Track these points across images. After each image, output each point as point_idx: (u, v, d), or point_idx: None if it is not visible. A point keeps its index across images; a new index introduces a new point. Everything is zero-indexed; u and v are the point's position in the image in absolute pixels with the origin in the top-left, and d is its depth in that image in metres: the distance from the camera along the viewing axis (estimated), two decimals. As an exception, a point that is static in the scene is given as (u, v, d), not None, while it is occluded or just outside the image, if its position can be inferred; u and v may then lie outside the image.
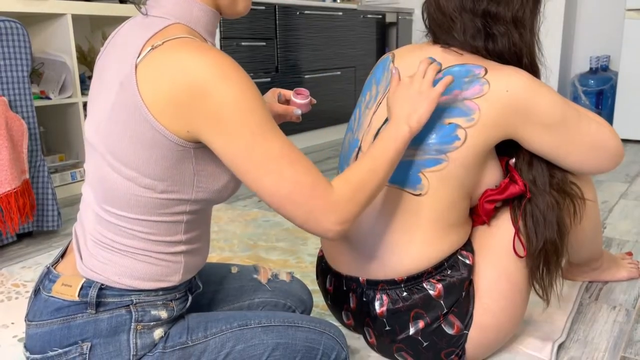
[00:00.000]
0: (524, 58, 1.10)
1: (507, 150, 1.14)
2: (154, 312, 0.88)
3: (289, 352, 0.93)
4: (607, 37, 4.11)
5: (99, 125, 0.85)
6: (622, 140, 2.80)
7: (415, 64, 1.13)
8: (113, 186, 0.84)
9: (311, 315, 1.30)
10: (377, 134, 1.12)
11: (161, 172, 0.82)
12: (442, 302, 1.08)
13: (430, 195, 1.06)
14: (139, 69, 0.79)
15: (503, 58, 1.09)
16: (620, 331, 1.32)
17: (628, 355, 1.22)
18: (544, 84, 1.07)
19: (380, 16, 4.18)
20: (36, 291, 0.90)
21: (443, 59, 1.09)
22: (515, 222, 1.11)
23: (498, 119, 1.04)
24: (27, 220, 1.88)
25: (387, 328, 1.12)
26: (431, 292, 1.08)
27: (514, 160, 1.14)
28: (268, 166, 0.81)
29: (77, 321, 0.85)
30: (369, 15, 4.05)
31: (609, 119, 3.78)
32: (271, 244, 1.94)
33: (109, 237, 0.87)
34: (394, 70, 1.05)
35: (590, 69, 3.96)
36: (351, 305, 1.18)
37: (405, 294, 1.09)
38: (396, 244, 1.09)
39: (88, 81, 2.79)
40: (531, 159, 1.12)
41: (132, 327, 0.87)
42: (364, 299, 1.14)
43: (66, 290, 0.86)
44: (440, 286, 1.08)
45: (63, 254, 0.95)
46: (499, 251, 1.12)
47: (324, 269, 1.26)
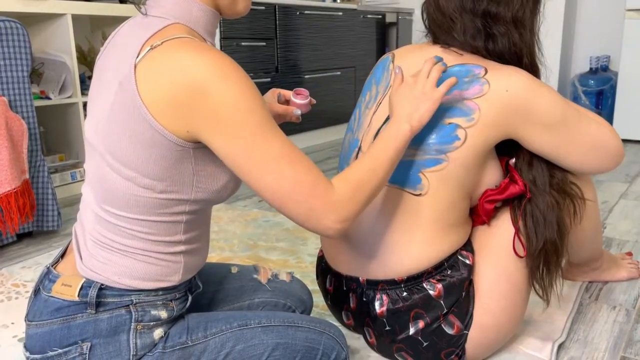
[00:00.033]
0: (524, 58, 1.10)
1: (507, 150, 1.14)
2: (153, 312, 0.88)
3: (289, 352, 0.93)
4: (607, 37, 4.11)
5: (98, 125, 0.85)
6: (622, 140, 2.79)
7: (415, 63, 1.13)
8: (112, 186, 0.84)
9: (311, 315, 1.30)
10: (377, 134, 1.12)
11: (160, 172, 0.82)
12: (442, 302, 1.08)
13: (430, 195, 1.06)
14: (138, 69, 0.79)
15: (503, 58, 1.09)
16: (620, 331, 1.32)
17: (628, 355, 1.22)
18: (544, 83, 1.07)
19: (380, 16, 4.18)
20: (36, 291, 0.90)
21: (443, 59, 1.09)
22: (515, 222, 1.11)
23: (498, 119, 1.04)
24: (27, 220, 1.88)
25: (387, 328, 1.12)
26: (431, 292, 1.08)
27: (514, 160, 1.14)
28: (268, 166, 0.81)
29: (77, 321, 0.85)
30: (369, 15, 4.05)
31: (609, 119, 3.78)
32: (271, 244, 1.94)
33: (108, 237, 0.87)
34: (397, 70, 1.04)
35: (590, 69, 3.96)
36: (351, 305, 1.18)
37: (405, 294, 1.09)
38: (396, 244, 1.09)
39: (88, 81, 2.79)
40: (531, 159, 1.12)
41: (132, 327, 0.87)
42: (364, 299, 1.14)
43: (66, 290, 0.86)
44: (440, 286, 1.08)
45: (63, 254, 0.95)
46: (499, 251, 1.12)
47: (324, 269, 1.26)
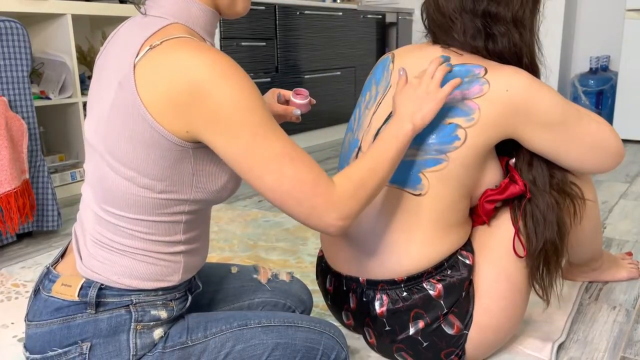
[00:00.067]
0: (524, 58, 1.10)
1: (507, 150, 1.14)
2: (153, 312, 0.88)
3: (288, 352, 0.93)
4: (607, 37, 4.11)
5: (98, 125, 0.85)
6: (622, 140, 2.80)
7: (415, 63, 1.13)
8: (112, 186, 0.84)
9: (311, 315, 1.30)
10: (377, 134, 1.12)
11: (160, 172, 0.82)
12: (442, 302, 1.08)
13: (431, 195, 1.06)
14: (137, 68, 0.79)
15: (503, 58, 1.09)
16: (620, 331, 1.32)
17: (628, 356, 1.22)
18: (544, 83, 1.07)
19: (380, 16, 4.18)
20: (36, 291, 0.90)
21: (450, 58, 1.09)
22: (515, 222, 1.11)
23: (498, 119, 1.04)
24: (27, 220, 1.88)
25: (387, 328, 1.12)
26: (431, 292, 1.08)
27: (514, 160, 1.14)
28: (269, 165, 0.81)
29: (77, 321, 0.85)
30: (369, 15, 4.05)
31: (609, 119, 3.78)
32: (271, 244, 1.94)
33: (108, 237, 0.87)
34: (402, 72, 1.04)
35: (590, 69, 3.96)
36: (351, 305, 1.18)
37: (405, 294, 1.09)
38: (396, 243, 1.09)
39: (88, 81, 2.79)
40: (531, 159, 1.12)
41: (131, 327, 0.87)
42: (364, 299, 1.14)
43: (66, 290, 0.86)
44: (440, 286, 1.08)
45: (63, 254, 0.95)
46: (499, 251, 1.11)
47: (323, 269, 1.26)
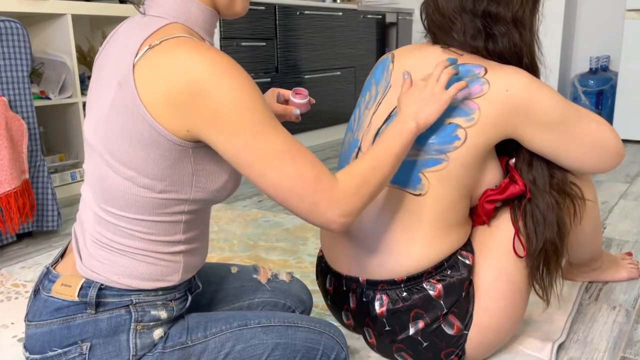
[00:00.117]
0: (524, 58, 1.10)
1: (507, 150, 1.14)
2: (153, 312, 0.88)
3: (288, 352, 0.93)
4: (607, 37, 4.11)
5: (97, 125, 0.85)
6: (622, 140, 2.80)
7: (415, 64, 1.13)
8: (112, 186, 0.84)
9: (311, 315, 1.30)
10: (377, 134, 1.12)
11: (160, 171, 0.82)
12: (442, 303, 1.08)
13: (431, 195, 1.06)
14: (136, 68, 0.79)
15: (503, 58, 1.09)
16: (620, 331, 1.32)
17: (628, 356, 1.22)
18: (544, 83, 1.07)
19: (380, 16, 4.18)
20: (36, 291, 0.90)
21: (457, 60, 1.09)
22: (515, 222, 1.11)
23: (498, 119, 1.04)
24: (27, 220, 1.88)
25: (387, 328, 1.12)
26: (431, 293, 1.08)
27: (514, 160, 1.14)
28: (271, 162, 0.81)
29: (77, 321, 0.85)
30: (369, 16, 4.05)
31: (609, 119, 3.78)
32: (271, 244, 1.94)
33: (108, 237, 0.87)
34: (406, 75, 1.05)
35: (590, 69, 3.96)
36: (351, 305, 1.18)
37: (405, 294, 1.09)
38: (396, 243, 1.09)
39: (88, 81, 2.79)
40: (531, 159, 1.12)
41: (131, 327, 0.87)
42: (364, 299, 1.14)
43: (66, 291, 0.86)
44: (440, 286, 1.08)
45: (62, 254, 0.95)
46: (499, 251, 1.11)
47: (323, 269, 1.26)
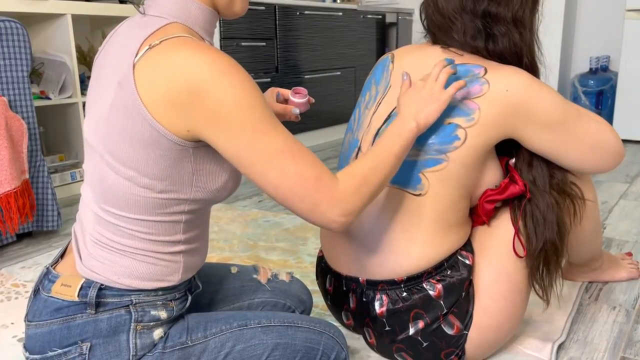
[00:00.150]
0: (524, 58, 1.10)
1: (507, 150, 1.14)
2: (153, 312, 0.88)
3: (288, 352, 0.93)
4: (607, 37, 4.11)
5: (97, 125, 0.85)
6: (622, 140, 2.80)
7: (415, 64, 1.13)
8: (112, 186, 0.84)
9: (311, 315, 1.30)
10: (377, 134, 1.12)
11: (160, 171, 0.82)
12: (442, 303, 1.08)
13: (431, 195, 1.06)
14: (136, 68, 0.79)
15: (504, 58, 1.09)
16: (620, 331, 1.32)
17: (628, 356, 1.22)
18: (544, 83, 1.07)
19: (380, 16, 4.18)
20: (36, 291, 0.90)
21: (454, 60, 1.09)
22: (515, 223, 1.11)
23: (498, 119, 1.04)
24: (27, 220, 1.88)
25: (387, 328, 1.12)
26: (431, 293, 1.08)
27: (514, 160, 1.14)
28: (271, 162, 0.81)
29: (77, 321, 0.85)
30: (369, 16, 4.05)
31: (609, 119, 3.78)
32: (271, 244, 1.93)
33: (108, 237, 0.87)
34: (405, 76, 1.05)
35: (590, 69, 3.96)
36: (351, 305, 1.18)
37: (405, 294, 1.09)
38: (396, 244, 1.09)
39: (88, 81, 2.79)
40: (531, 159, 1.12)
41: (131, 327, 0.87)
42: (364, 299, 1.14)
43: (66, 291, 0.86)
44: (440, 286, 1.08)
45: (62, 254, 0.95)
46: (498, 251, 1.11)
47: (323, 269, 1.26)
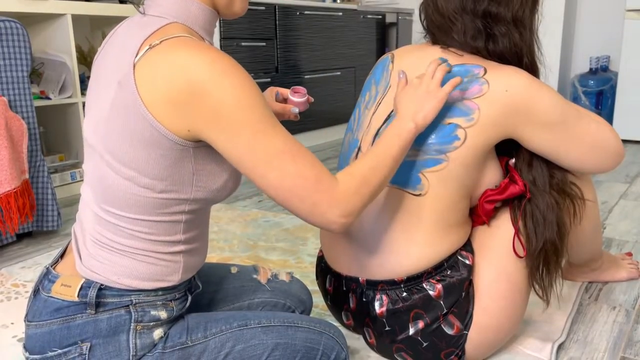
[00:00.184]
0: (524, 58, 1.10)
1: (507, 150, 1.14)
2: (153, 312, 0.88)
3: (288, 352, 0.93)
4: (607, 37, 4.11)
5: (97, 125, 0.85)
6: (622, 140, 2.80)
7: (415, 64, 1.13)
8: (112, 186, 0.84)
9: (311, 315, 1.30)
10: (377, 134, 1.12)
11: (160, 171, 0.82)
12: (441, 303, 1.08)
13: (430, 195, 1.06)
14: (137, 68, 0.79)
15: (504, 58, 1.09)
16: (620, 331, 1.32)
17: (628, 356, 1.22)
18: (544, 83, 1.07)
19: (380, 16, 4.18)
20: (35, 291, 0.90)
21: (447, 60, 1.09)
22: (515, 223, 1.11)
23: (498, 119, 1.04)
24: (27, 220, 1.88)
25: (387, 328, 1.12)
26: (431, 293, 1.08)
27: (513, 160, 1.14)
28: (271, 162, 0.81)
29: (77, 321, 0.85)
30: (369, 16, 4.05)
31: (609, 119, 3.78)
32: (271, 244, 1.93)
33: (108, 237, 0.87)
34: (401, 74, 1.05)
35: (590, 69, 3.96)
36: (351, 305, 1.18)
37: (405, 294, 1.09)
38: (396, 244, 1.09)
39: (88, 81, 2.78)
40: (531, 159, 1.12)
41: (131, 327, 0.86)
42: (364, 299, 1.14)
43: (65, 291, 0.86)
44: (440, 286, 1.08)
45: (62, 254, 0.95)
46: (498, 251, 1.11)
47: (323, 269, 1.26)
